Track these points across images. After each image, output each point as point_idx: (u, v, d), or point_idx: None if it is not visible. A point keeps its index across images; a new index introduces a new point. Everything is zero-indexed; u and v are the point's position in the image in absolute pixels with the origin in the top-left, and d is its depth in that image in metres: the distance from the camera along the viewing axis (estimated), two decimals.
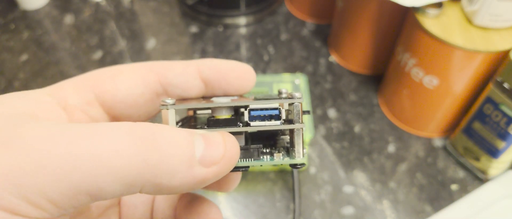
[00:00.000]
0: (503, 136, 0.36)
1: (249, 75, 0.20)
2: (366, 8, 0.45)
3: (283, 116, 0.17)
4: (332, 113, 0.48)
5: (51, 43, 0.56)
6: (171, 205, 0.21)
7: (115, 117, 0.19)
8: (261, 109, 0.17)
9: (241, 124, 0.17)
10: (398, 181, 0.41)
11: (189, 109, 0.20)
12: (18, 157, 0.12)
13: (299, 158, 0.17)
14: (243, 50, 0.55)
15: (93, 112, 0.18)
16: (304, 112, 0.19)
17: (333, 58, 0.54)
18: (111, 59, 0.54)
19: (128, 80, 0.18)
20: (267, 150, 0.18)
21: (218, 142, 0.15)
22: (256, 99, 0.18)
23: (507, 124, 0.35)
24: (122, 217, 0.21)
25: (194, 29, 0.58)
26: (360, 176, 0.42)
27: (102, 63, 0.53)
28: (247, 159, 0.18)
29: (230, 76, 0.19)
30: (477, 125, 0.38)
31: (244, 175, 0.42)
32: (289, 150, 0.18)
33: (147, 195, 0.21)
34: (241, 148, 0.17)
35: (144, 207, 0.21)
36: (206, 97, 0.20)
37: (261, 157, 0.18)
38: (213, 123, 0.17)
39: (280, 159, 0.18)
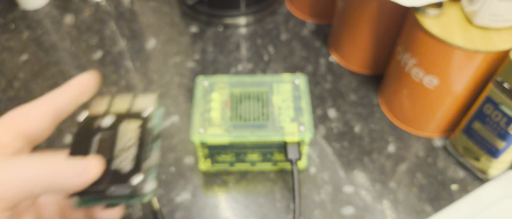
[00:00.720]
0: (503, 136, 0.36)
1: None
2: (366, 8, 0.45)
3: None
4: (332, 113, 0.48)
5: (51, 43, 0.56)
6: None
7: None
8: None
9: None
10: (398, 181, 0.41)
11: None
12: None
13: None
14: (243, 50, 0.55)
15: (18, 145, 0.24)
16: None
17: (333, 58, 0.54)
18: (111, 59, 0.54)
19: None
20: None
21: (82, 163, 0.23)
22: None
23: (507, 124, 0.35)
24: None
25: (194, 29, 0.58)
26: (360, 176, 0.42)
27: (102, 63, 0.53)
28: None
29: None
30: (477, 125, 0.38)
31: (244, 175, 0.42)
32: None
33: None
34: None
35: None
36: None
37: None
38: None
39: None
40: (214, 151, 0.38)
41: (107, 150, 0.23)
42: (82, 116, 0.25)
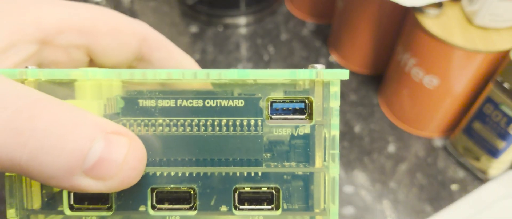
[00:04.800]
0: (503, 136, 0.36)
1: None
2: (366, 8, 0.45)
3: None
4: None
5: None
6: None
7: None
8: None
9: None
10: (398, 181, 0.41)
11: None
12: None
13: None
14: (243, 50, 0.55)
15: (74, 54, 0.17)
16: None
17: (333, 58, 0.54)
18: None
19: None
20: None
21: (119, 153, 0.12)
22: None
23: (507, 124, 0.35)
24: None
25: (194, 29, 0.58)
26: (360, 176, 0.42)
27: None
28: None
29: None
30: (477, 125, 0.38)
31: None
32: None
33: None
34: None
35: None
36: None
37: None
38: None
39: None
40: None
41: None
42: None
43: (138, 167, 0.12)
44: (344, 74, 0.13)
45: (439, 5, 0.37)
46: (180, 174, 0.14)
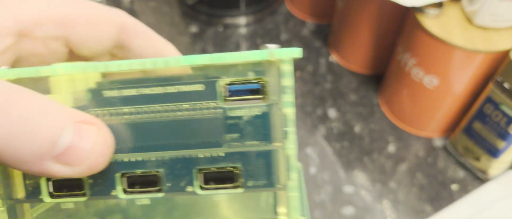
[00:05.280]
0: (503, 136, 0.36)
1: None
2: (366, 8, 0.45)
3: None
4: (332, 113, 0.48)
5: None
6: None
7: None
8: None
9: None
10: (398, 181, 0.41)
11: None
12: None
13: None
14: (243, 50, 0.55)
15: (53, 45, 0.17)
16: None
17: (333, 58, 0.54)
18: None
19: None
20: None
21: (88, 140, 0.12)
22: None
23: (507, 124, 0.35)
24: None
25: (194, 29, 0.58)
26: (360, 176, 0.42)
27: None
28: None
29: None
30: (477, 125, 0.38)
31: None
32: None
33: None
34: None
35: None
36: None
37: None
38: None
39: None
40: None
41: None
42: None
43: (105, 154, 0.13)
44: (296, 52, 0.13)
45: (439, 5, 0.37)
46: (147, 159, 0.14)
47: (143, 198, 0.15)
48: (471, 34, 0.35)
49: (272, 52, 0.13)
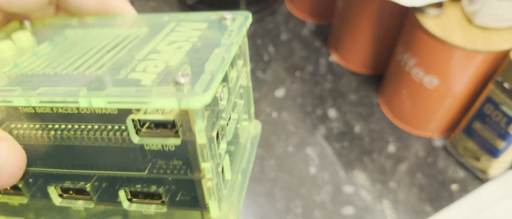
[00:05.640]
0: (503, 136, 0.36)
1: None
2: (366, 8, 0.45)
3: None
4: (332, 113, 0.48)
5: None
6: None
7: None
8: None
9: None
10: (398, 181, 0.41)
11: None
12: None
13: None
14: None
15: None
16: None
17: (333, 58, 0.54)
18: None
19: None
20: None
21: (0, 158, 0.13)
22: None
23: (507, 124, 0.35)
24: None
25: None
26: (360, 176, 0.42)
27: None
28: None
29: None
30: (477, 125, 0.38)
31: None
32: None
33: None
34: None
35: None
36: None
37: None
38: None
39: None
40: None
41: None
42: None
43: (17, 168, 0.13)
44: (205, 99, 0.12)
45: (439, 5, 0.37)
46: (69, 175, 0.15)
47: (77, 206, 0.15)
48: (471, 34, 0.35)
49: (181, 101, 0.12)
